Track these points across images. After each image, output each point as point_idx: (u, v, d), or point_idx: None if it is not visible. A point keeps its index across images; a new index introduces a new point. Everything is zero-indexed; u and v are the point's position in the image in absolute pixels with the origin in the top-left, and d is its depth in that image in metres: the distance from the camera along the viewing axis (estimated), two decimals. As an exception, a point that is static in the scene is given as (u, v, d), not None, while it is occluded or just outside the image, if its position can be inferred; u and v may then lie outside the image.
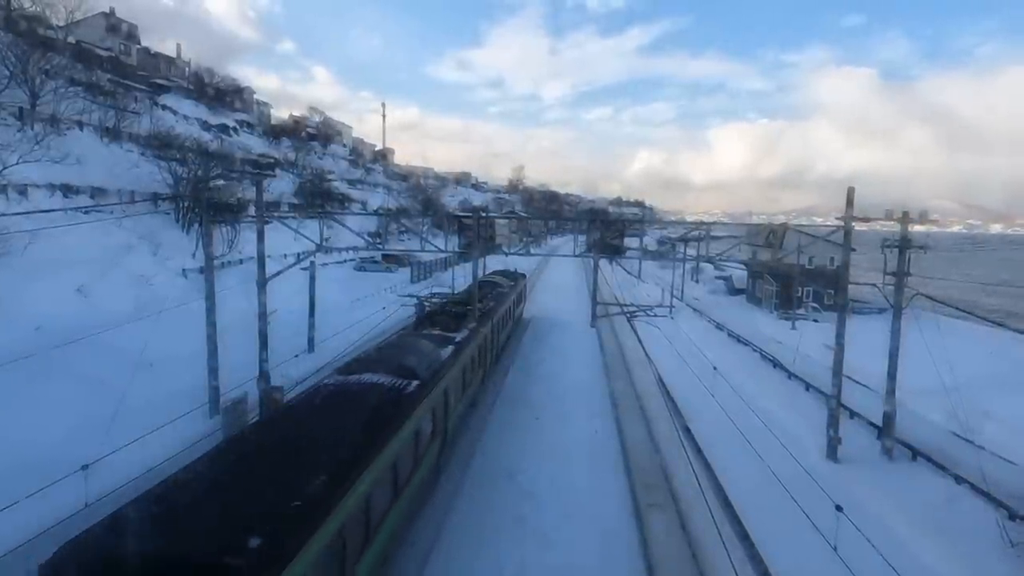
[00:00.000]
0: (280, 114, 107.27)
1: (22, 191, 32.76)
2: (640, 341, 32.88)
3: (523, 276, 44.33)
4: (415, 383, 14.00)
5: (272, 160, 75.18)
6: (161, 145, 48.31)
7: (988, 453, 19.25)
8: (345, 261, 59.38)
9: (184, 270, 37.17)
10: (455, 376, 17.98)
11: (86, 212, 34.98)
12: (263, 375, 21.09)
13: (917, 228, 19.09)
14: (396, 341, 18.75)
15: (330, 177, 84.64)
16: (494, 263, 49.12)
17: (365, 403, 12.24)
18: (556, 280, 71.41)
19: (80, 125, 43.86)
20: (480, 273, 28.80)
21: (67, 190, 36.30)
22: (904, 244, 18.78)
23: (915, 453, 19.40)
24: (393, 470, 11.65)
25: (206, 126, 68.97)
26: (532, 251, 47.13)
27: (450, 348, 18.31)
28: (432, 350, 17.29)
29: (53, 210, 29.85)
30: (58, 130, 40.08)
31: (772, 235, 52.35)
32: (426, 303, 28.80)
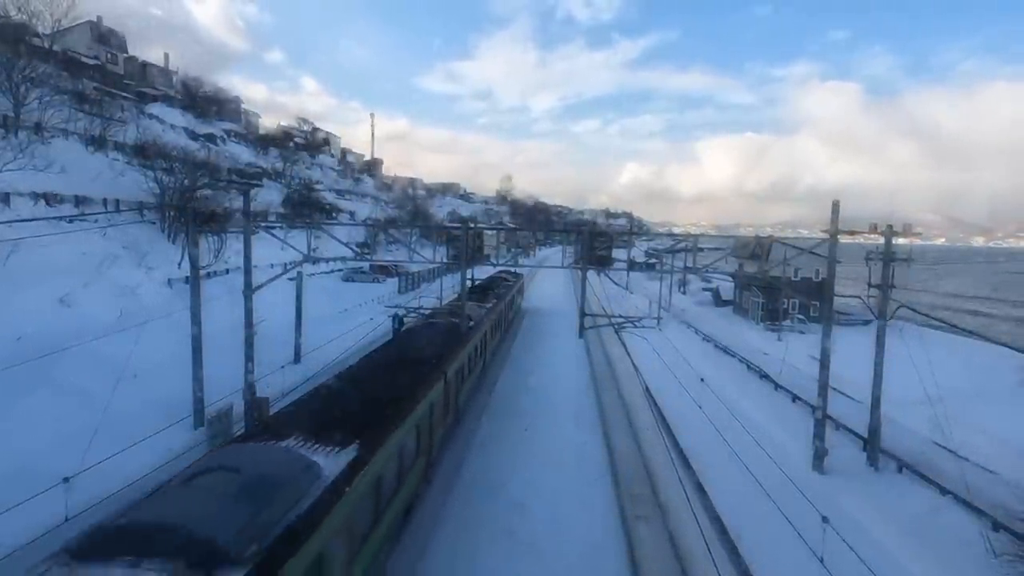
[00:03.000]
0: (268, 124, 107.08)
1: (4, 199, 32.40)
2: (628, 352, 32.94)
3: (521, 275, 56.60)
4: (472, 323, 25.36)
5: (259, 170, 74.96)
6: (147, 154, 48.00)
7: (971, 464, 19.45)
8: (333, 271, 59.13)
9: (169, 280, 36.83)
10: (488, 325, 29.51)
11: (70, 221, 34.62)
12: (249, 386, 20.91)
13: (901, 241, 19.34)
14: (455, 304, 29.82)
15: (318, 187, 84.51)
16: (482, 275, 49.99)
17: (449, 330, 23.24)
18: (547, 291, 71.53)
19: (65, 133, 43.49)
20: (469, 284, 34.09)
21: (51, 199, 35.93)
22: (888, 257, 19.01)
23: (900, 464, 19.54)
24: (469, 359, 23.24)
25: (193, 135, 68.62)
26: (521, 262, 47.55)
27: (485, 310, 30.37)
28: (476, 309, 29.00)
29: (36, 219, 29.55)
30: (42, 138, 39.71)
31: (758, 247, 52.77)
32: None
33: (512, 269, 51.08)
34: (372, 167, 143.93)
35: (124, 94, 63.07)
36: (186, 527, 7.08)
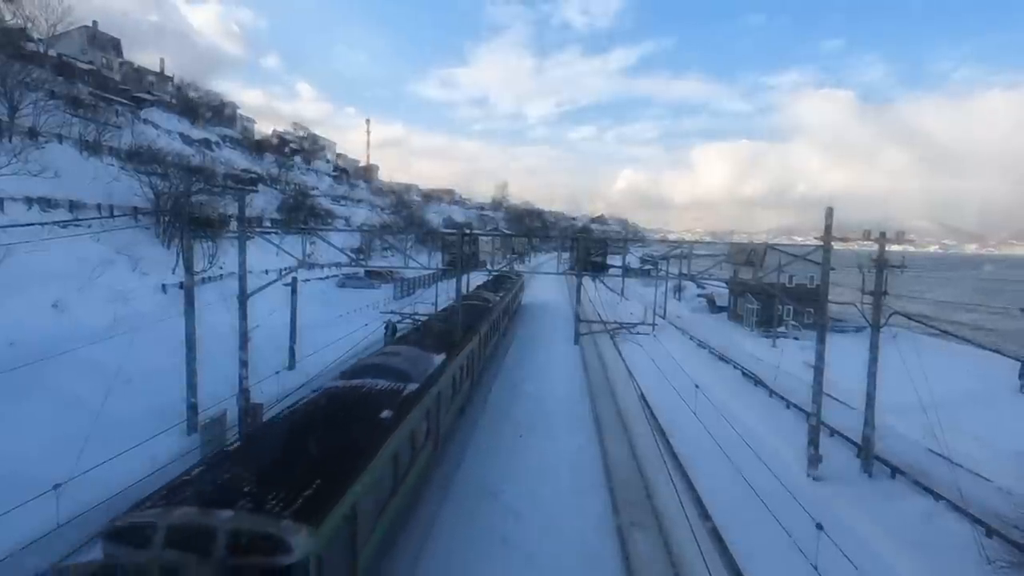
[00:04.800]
0: (264, 129, 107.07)
1: (-2, 204, 32.31)
2: (623, 358, 32.97)
3: (521, 275, 64.29)
4: (492, 304, 35.29)
5: (255, 175, 74.90)
6: (142, 159, 47.91)
7: (965, 470, 19.47)
8: (327, 277, 59.06)
9: (164, 285, 36.74)
10: (501, 308, 39.13)
11: (64, 226, 34.53)
12: (243, 392, 20.82)
13: (894, 248, 19.40)
14: (477, 290, 41.54)
15: (313, 193, 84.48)
16: (477, 281, 50.67)
17: (479, 307, 32.06)
18: (541, 296, 71.59)
19: (60, 138, 43.43)
20: (464, 290, 37.56)
21: (45, 204, 35.82)
22: (881, 264, 19.08)
23: (894, 470, 19.56)
24: (491, 326, 32.75)
25: (188, 140, 68.58)
26: (516, 268, 48.00)
27: (499, 296, 40.85)
28: (493, 295, 39.70)
29: (30, 224, 29.42)
30: (37, 143, 39.63)
31: (753, 254, 52.92)
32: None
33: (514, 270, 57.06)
34: (367, 173, 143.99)
35: (119, 99, 62.97)
36: (393, 367, 16.58)
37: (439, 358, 19.25)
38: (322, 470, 9.95)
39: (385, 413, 13.26)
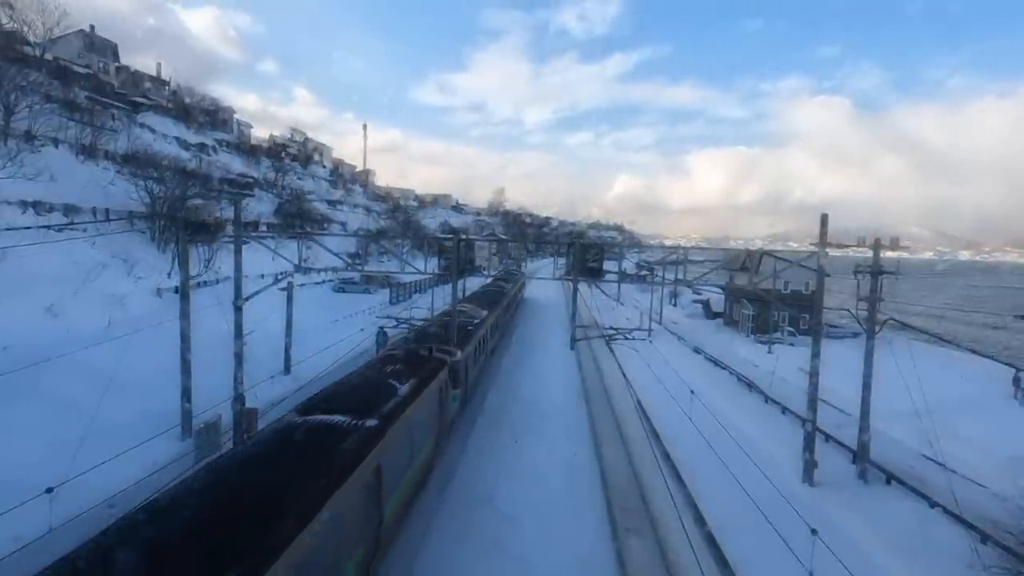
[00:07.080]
0: (260, 134, 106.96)
1: (-7, 207, 32.15)
2: (619, 363, 32.96)
3: (523, 273, 76.65)
4: (506, 290, 51.08)
5: (251, 180, 74.76)
6: (138, 163, 47.80)
7: (959, 476, 19.52)
8: (324, 282, 58.96)
9: (159, 289, 36.59)
10: (510, 297, 51.02)
11: (59, 230, 34.40)
12: (238, 397, 20.76)
13: (889, 254, 19.49)
14: (494, 283, 53.90)
15: (310, 198, 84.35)
16: (474, 285, 51.07)
17: (495, 291, 47.60)
18: (540, 301, 71.61)
19: (55, 142, 43.28)
20: (460, 295, 36.57)
21: (40, 207, 35.70)
22: (876, 271, 19.17)
23: (889, 476, 19.60)
24: (510, 302, 51.03)
25: (185, 145, 68.39)
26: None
27: (509, 286, 54.11)
28: (505, 284, 54.71)
29: (25, 227, 29.32)
30: (32, 146, 39.50)
31: (748, 260, 53.09)
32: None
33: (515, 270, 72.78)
34: (364, 177, 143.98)
35: (116, 103, 62.79)
36: (464, 311, 31.52)
37: (486, 311, 33.50)
38: (457, 338, 23.98)
39: (469, 328, 27.48)
